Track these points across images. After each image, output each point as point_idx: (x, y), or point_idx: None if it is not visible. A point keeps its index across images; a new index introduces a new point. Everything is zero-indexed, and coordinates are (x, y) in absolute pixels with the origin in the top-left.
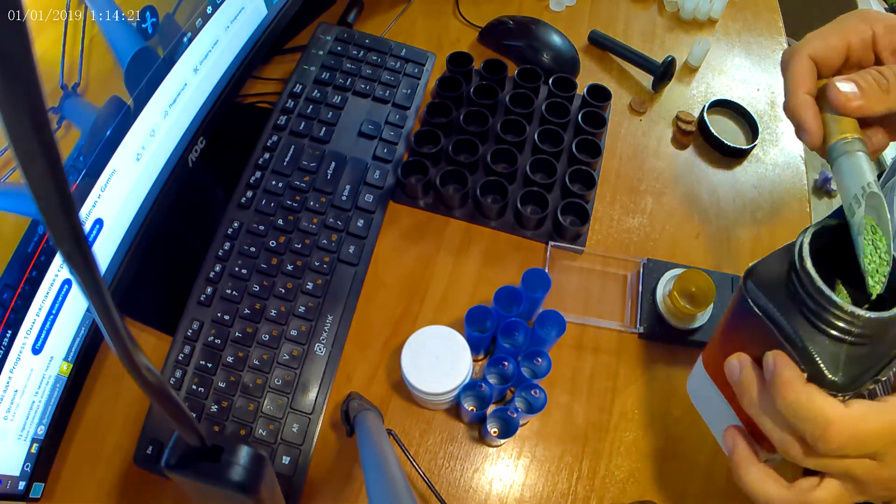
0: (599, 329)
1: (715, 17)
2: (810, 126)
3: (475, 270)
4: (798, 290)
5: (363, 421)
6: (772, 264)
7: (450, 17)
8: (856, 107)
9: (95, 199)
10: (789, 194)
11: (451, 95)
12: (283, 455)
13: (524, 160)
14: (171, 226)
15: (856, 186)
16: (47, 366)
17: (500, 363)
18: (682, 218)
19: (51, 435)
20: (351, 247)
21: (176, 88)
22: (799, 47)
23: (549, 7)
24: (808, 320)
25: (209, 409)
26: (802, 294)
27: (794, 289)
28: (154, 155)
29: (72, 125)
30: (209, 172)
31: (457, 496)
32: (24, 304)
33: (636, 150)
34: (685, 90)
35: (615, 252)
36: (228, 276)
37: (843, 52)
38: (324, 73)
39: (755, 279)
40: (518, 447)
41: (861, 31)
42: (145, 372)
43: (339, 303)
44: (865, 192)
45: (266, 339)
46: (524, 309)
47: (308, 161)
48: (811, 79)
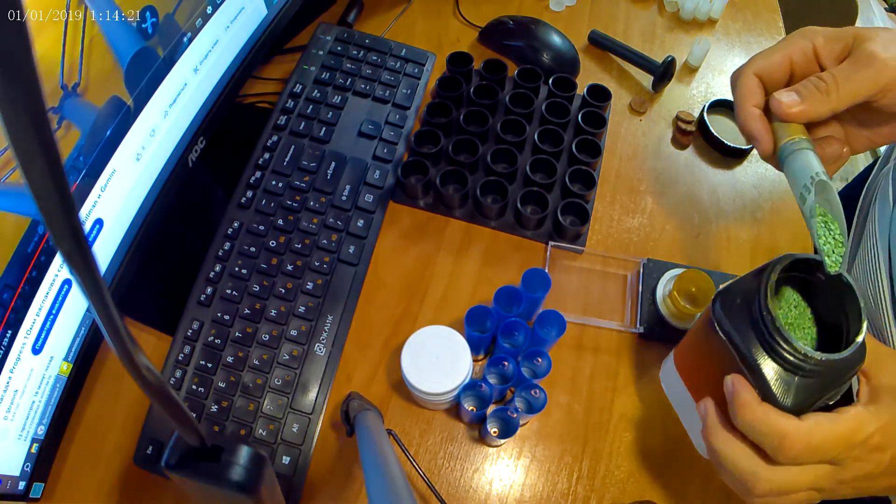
0: (599, 329)
1: (715, 17)
2: (760, 134)
3: (475, 270)
4: (759, 324)
5: (363, 421)
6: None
7: (450, 17)
8: (797, 112)
9: (95, 199)
10: (789, 194)
11: (451, 95)
12: (283, 455)
13: (524, 160)
14: (171, 226)
15: (805, 177)
16: (47, 366)
17: (500, 363)
18: (682, 218)
19: (51, 435)
20: (351, 247)
21: (176, 88)
22: (744, 66)
23: (549, 7)
24: (766, 351)
25: (209, 409)
26: (762, 328)
27: (756, 321)
28: (154, 155)
29: (72, 125)
30: (209, 172)
31: (457, 496)
32: (24, 304)
33: (636, 150)
34: (685, 90)
35: (615, 252)
36: (228, 276)
37: (786, 67)
38: (324, 73)
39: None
40: (518, 447)
41: (802, 46)
42: (145, 372)
43: (339, 303)
44: (814, 180)
45: (266, 339)
46: (524, 309)
47: (308, 161)
48: (758, 93)
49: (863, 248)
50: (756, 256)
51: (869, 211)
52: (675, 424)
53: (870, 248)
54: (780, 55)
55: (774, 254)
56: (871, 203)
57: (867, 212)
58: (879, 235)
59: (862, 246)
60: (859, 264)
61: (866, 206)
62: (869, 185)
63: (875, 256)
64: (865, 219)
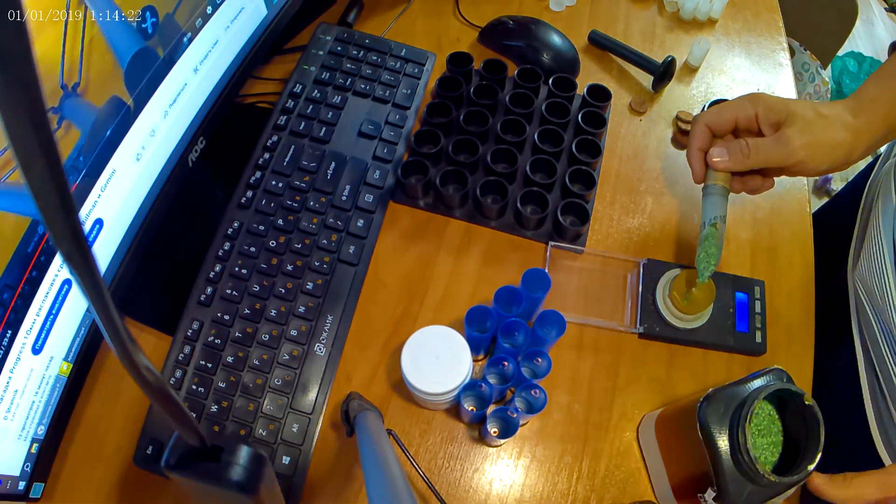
0: (599, 329)
1: (715, 17)
2: (694, 169)
3: (475, 270)
4: (734, 438)
5: (363, 421)
6: (724, 401)
7: (450, 17)
8: (722, 167)
9: (95, 199)
10: (789, 194)
11: (451, 95)
12: (283, 455)
13: (524, 160)
14: (171, 226)
15: (707, 217)
16: (47, 366)
17: (500, 363)
18: (682, 218)
19: (51, 435)
20: (351, 247)
21: (176, 88)
22: (699, 116)
23: (549, 7)
24: (733, 460)
25: (209, 409)
26: (735, 443)
27: (731, 439)
28: (154, 155)
29: (72, 125)
30: (209, 172)
31: (457, 496)
32: (24, 304)
33: (636, 150)
34: (685, 90)
35: (615, 252)
36: (228, 276)
37: (731, 123)
38: (324, 73)
39: (709, 406)
40: (518, 447)
41: (747, 110)
42: (145, 372)
43: (339, 303)
44: (711, 221)
45: (266, 339)
46: (524, 309)
47: (308, 161)
48: (704, 138)
49: (867, 243)
50: (756, 256)
51: (872, 207)
52: None
53: (874, 242)
54: (730, 114)
55: (774, 254)
56: (874, 199)
57: (870, 208)
58: (883, 228)
59: (866, 241)
60: (864, 259)
61: (869, 202)
62: (871, 183)
63: (879, 250)
64: (869, 214)
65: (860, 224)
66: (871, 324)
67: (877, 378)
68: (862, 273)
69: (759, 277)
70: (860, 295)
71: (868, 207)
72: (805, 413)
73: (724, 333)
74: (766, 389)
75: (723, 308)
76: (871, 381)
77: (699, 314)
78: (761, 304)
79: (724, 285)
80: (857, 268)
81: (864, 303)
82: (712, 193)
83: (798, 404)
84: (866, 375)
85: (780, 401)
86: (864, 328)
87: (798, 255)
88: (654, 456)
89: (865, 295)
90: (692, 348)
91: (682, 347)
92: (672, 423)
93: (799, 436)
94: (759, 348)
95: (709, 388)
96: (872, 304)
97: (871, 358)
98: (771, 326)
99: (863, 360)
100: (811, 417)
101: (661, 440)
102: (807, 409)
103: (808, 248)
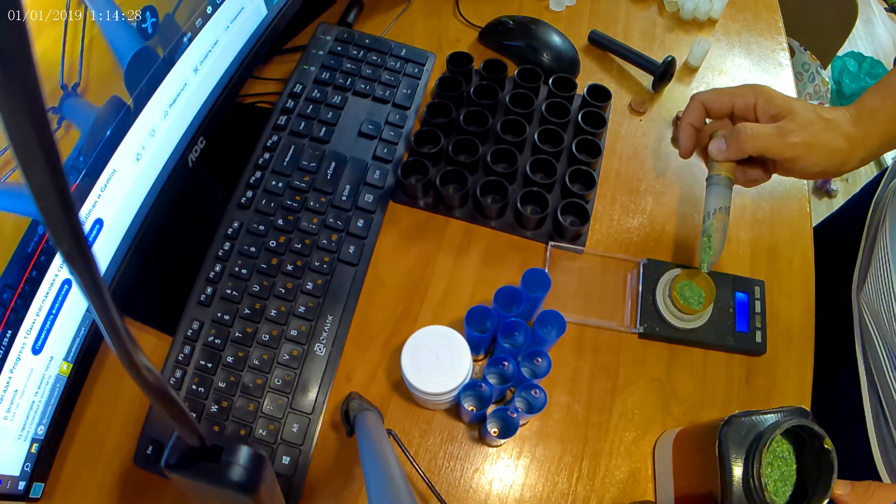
0: (599, 329)
1: (715, 17)
2: (683, 144)
3: (475, 270)
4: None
5: (363, 421)
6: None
7: (450, 17)
8: (722, 158)
9: (95, 199)
10: (789, 194)
11: (451, 95)
12: (283, 455)
13: (524, 160)
14: (172, 226)
15: (710, 207)
16: (47, 366)
17: (500, 363)
18: (682, 218)
19: (51, 435)
20: (351, 247)
21: (176, 88)
22: (697, 94)
23: (549, 7)
24: (744, 482)
25: (209, 409)
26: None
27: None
28: (154, 155)
29: (72, 125)
30: (209, 172)
31: (457, 496)
32: (24, 304)
33: (636, 150)
34: (685, 90)
35: (615, 252)
36: (228, 276)
37: (728, 107)
38: (324, 73)
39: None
40: (518, 447)
41: (746, 98)
42: (145, 372)
43: (339, 303)
44: (714, 212)
45: (266, 339)
46: (524, 309)
47: (308, 161)
48: (698, 115)
49: (874, 264)
50: (756, 256)
51: (879, 227)
52: (675, 424)
53: (882, 264)
54: (727, 98)
55: (774, 253)
56: (882, 219)
57: (877, 227)
58: (891, 250)
59: (873, 262)
60: (871, 281)
61: (876, 221)
62: (877, 201)
63: (887, 272)
64: (876, 234)
65: (866, 244)
66: (875, 347)
67: (880, 402)
68: (868, 296)
69: (759, 277)
70: (865, 317)
71: (875, 226)
72: (821, 456)
73: (724, 333)
74: (789, 422)
75: (723, 308)
76: (875, 405)
77: (699, 314)
78: (761, 304)
79: (724, 285)
80: (863, 290)
81: (870, 325)
82: (716, 184)
83: (816, 445)
84: (869, 399)
85: (799, 438)
86: (868, 351)
87: (798, 255)
88: (665, 467)
89: (871, 317)
90: (692, 348)
91: (682, 347)
92: (691, 439)
93: (810, 475)
94: (759, 348)
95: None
96: (878, 328)
97: (874, 381)
98: (771, 326)
99: (866, 383)
100: (826, 462)
101: (676, 454)
102: (823, 452)
103: (809, 248)
